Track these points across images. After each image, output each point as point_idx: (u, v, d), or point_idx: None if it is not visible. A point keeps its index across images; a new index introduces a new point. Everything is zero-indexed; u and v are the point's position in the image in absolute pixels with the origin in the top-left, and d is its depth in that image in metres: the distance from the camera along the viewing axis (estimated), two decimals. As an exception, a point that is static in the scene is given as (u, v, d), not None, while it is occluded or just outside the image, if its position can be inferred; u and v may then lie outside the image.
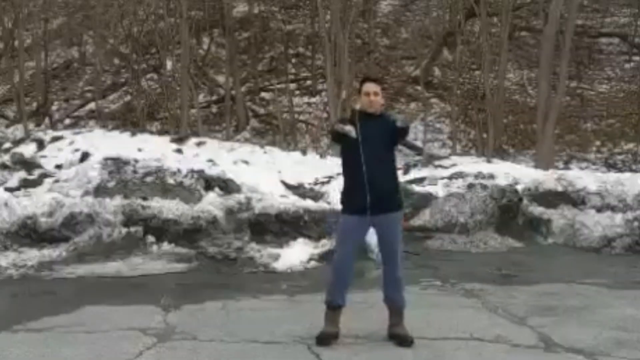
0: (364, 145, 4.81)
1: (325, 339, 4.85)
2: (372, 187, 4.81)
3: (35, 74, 18.80)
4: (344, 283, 4.96)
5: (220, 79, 19.49)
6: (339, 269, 4.97)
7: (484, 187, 9.72)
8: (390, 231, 4.94)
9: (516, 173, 10.48)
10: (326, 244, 8.04)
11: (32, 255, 7.65)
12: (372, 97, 4.93)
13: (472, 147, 17.23)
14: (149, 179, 8.95)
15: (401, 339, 4.85)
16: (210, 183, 9.09)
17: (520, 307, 6.02)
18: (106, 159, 9.23)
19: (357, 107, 5.07)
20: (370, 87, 4.97)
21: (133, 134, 11.75)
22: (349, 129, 4.79)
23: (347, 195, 5.00)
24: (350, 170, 4.97)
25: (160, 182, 8.92)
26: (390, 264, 4.97)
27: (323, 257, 7.75)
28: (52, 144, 10.85)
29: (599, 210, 9.59)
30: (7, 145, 11.34)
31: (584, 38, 20.85)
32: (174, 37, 17.44)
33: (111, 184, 8.79)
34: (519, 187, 9.88)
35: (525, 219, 9.68)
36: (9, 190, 8.77)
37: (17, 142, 11.44)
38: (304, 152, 12.51)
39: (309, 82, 19.89)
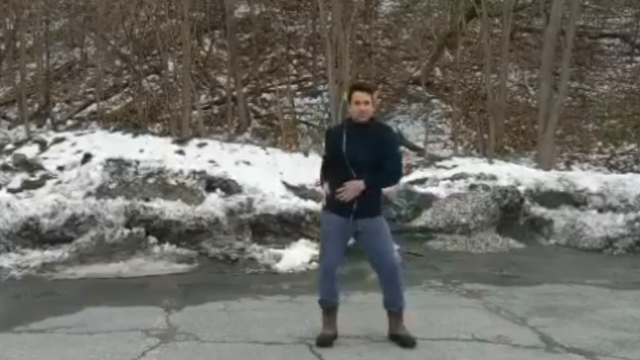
0: (349, 154, 4.73)
1: (325, 341, 4.85)
2: (359, 197, 4.74)
3: (37, 76, 18.81)
4: (332, 282, 4.93)
5: (222, 80, 19.51)
6: (326, 268, 4.94)
7: (486, 187, 9.72)
8: (375, 235, 4.86)
9: (518, 174, 10.48)
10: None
11: (34, 257, 7.66)
12: (363, 106, 4.78)
13: (473, 147, 17.23)
14: (150, 180, 8.96)
15: (403, 340, 4.85)
16: (211, 184, 9.09)
17: (521, 308, 6.04)
18: (108, 160, 9.23)
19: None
20: (360, 96, 4.80)
21: (135, 135, 11.71)
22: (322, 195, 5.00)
23: (332, 200, 4.88)
24: (337, 178, 4.85)
25: (162, 183, 8.93)
26: (382, 269, 4.89)
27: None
28: (54, 145, 10.83)
29: (601, 210, 9.60)
30: (9, 146, 11.33)
31: (585, 39, 20.88)
32: (175, 38, 17.45)
33: (113, 185, 8.80)
34: (521, 188, 9.88)
35: (527, 219, 9.69)
36: (11, 191, 8.78)
37: (19, 144, 11.42)
38: (305, 153, 12.50)
39: (310, 83, 19.91)
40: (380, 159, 4.80)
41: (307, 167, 10.89)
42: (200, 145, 11.49)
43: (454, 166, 11.29)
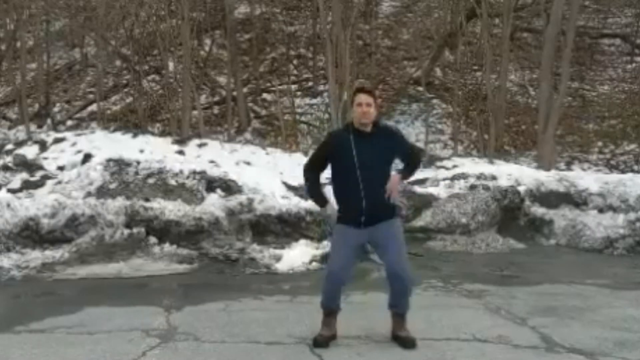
0: (360, 163, 4.75)
1: (322, 342, 4.85)
2: (369, 205, 4.76)
3: (37, 76, 18.82)
4: (335, 288, 4.93)
5: (222, 80, 19.52)
6: (333, 274, 4.93)
7: (486, 188, 9.72)
8: (387, 243, 4.86)
9: (518, 174, 10.48)
10: (327, 246, 8.05)
11: (35, 257, 7.66)
12: (365, 108, 4.82)
13: (473, 148, 17.24)
14: (150, 180, 8.96)
15: (404, 341, 4.85)
16: (212, 184, 9.09)
17: (521, 308, 6.03)
18: (108, 160, 9.23)
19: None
20: (362, 98, 4.86)
21: (135, 135, 11.71)
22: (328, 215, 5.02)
23: (341, 209, 4.91)
24: (345, 186, 4.86)
25: (162, 183, 8.93)
26: (393, 276, 4.86)
27: (324, 258, 7.76)
28: (54, 145, 10.84)
29: (601, 211, 9.60)
30: (9, 146, 11.34)
31: (586, 39, 20.90)
32: (175, 38, 17.46)
33: (113, 185, 8.80)
34: (521, 188, 9.88)
35: (527, 219, 9.69)
36: (11, 191, 8.78)
37: (19, 144, 11.43)
38: (305, 153, 12.51)
39: (310, 83, 19.91)
40: (388, 163, 4.89)
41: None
42: (201, 146, 11.50)
43: (454, 166, 11.31)
